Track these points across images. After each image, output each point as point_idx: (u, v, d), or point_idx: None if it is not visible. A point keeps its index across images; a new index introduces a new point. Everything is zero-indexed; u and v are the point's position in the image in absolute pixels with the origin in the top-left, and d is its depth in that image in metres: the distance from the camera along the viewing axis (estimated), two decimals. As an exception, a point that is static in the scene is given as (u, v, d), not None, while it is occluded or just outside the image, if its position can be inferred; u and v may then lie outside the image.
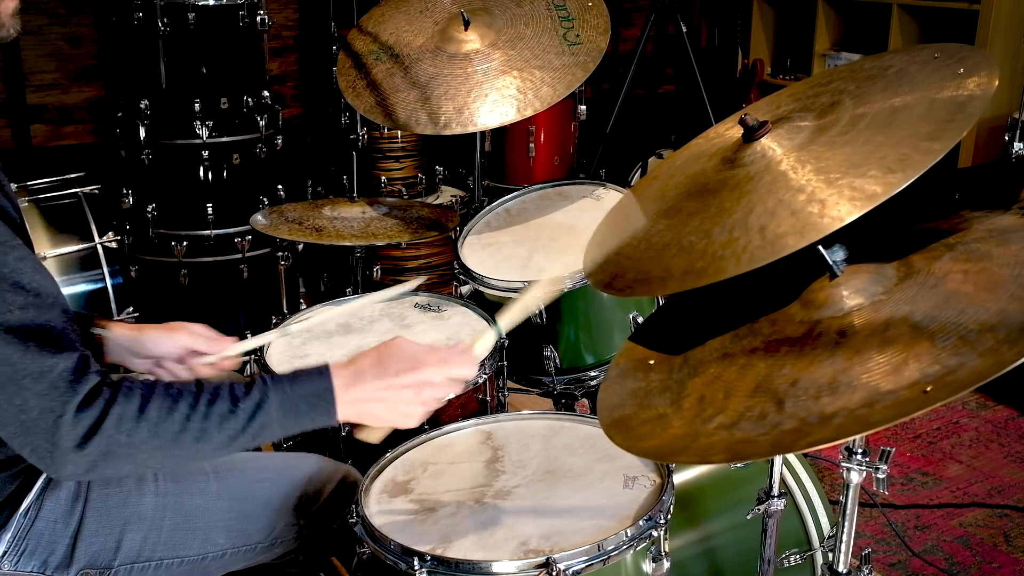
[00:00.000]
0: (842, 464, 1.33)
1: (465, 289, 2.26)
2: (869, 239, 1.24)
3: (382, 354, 1.36)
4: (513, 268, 2.22)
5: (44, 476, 1.42)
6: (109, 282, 2.86)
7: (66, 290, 2.70)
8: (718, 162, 1.35)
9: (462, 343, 1.43)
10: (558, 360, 2.18)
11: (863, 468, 1.32)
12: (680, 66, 4.97)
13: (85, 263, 2.85)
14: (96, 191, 2.97)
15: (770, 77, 4.86)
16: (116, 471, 1.27)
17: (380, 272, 3.47)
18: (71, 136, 3.84)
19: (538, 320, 2.13)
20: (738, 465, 1.72)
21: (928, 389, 0.98)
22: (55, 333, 1.24)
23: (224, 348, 1.62)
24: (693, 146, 1.52)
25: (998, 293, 1.06)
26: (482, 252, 2.30)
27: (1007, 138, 3.28)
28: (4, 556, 1.40)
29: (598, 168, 4.38)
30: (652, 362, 1.34)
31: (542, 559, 1.29)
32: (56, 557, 1.43)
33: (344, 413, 1.33)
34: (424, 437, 1.66)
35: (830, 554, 1.42)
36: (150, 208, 3.26)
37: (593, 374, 2.23)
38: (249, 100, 3.32)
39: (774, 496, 1.42)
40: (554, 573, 1.27)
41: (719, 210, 1.26)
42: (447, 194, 3.83)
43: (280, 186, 3.47)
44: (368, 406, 1.35)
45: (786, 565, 1.54)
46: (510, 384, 2.23)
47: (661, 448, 1.16)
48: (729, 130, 1.46)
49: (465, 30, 2.31)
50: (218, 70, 3.27)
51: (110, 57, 3.75)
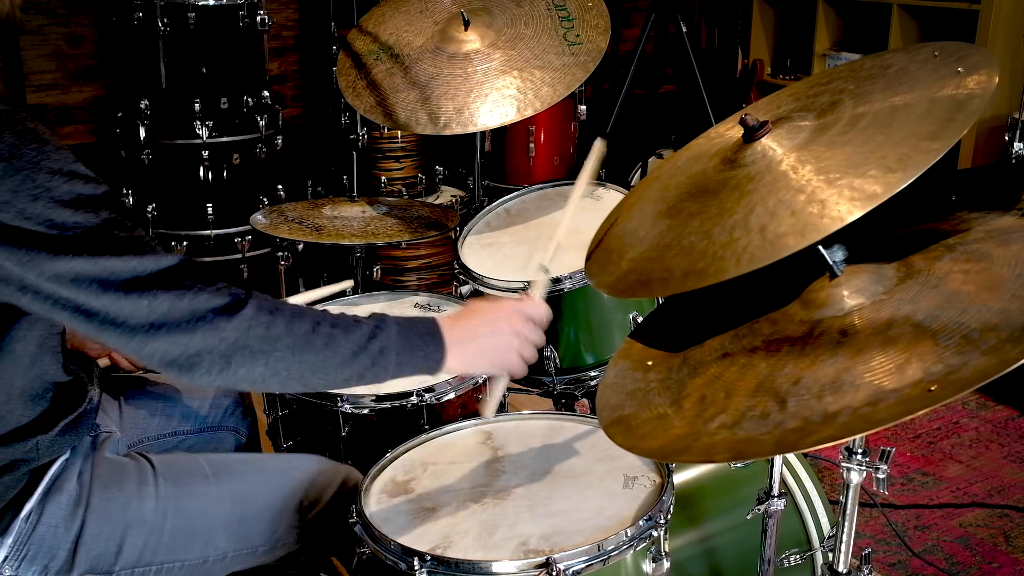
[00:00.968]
0: (842, 464, 1.33)
1: (465, 289, 2.26)
2: (869, 239, 1.24)
3: (467, 309, 1.44)
4: (513, 268, 2.21)
5: (46, 480, 1.42)
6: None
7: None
8: (718, 162, 1.35)
9: (524, 294, 1.48)
10: (558, 360, 2.18)
11: (863, 468, 1.32)
12: (680, 66, 4.98)
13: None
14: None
15: (770, 77, 4.86)
16: (249, 371, 1.25)
17: (380, 272, 3.48)
18: (71, 136, 3.84)
19: (538, 320, 2.12)
20: (738, 465, 1.72)
21: (933, 388, 0.98)
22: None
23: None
24: (694, 146, 1.52)
25: (1000, 293, 1.06)
26: (482, 252, 2.30)
27: (1007, 138, 3.28)
28: (5, 561, 1.40)
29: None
30: (650, 362, 1.34)
31: (542, 559, 1.29)
32: (57, 562, 1.43)
33: (452, 351, 1.36)
34: (424, 437, 1.66)
35: (830, 554, 1.42)
36: (150, 208, 3.27)
37: (593, 374, 2.23)
38: (249, 100, 3.32)
39: (774, 496, 1.42)
40: (554, 573, 1.27)
41: (719, 210, 1.26)
42: (447, 194, 3.83)
43: (280, 186, 3.47)
44: (473, 341, 1.39)
45: (786, 565, 1.54)
46: (510, 384, 2.22)
47: (663, 448, 1.16)
48: (729, 130, 1.45)
49: (465, 30, 2.31)
50: (218, 70, 3.27)
51: (110, 57, 3.75)
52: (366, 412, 1.81)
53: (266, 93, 3.38)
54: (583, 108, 3.37)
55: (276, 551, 1.60)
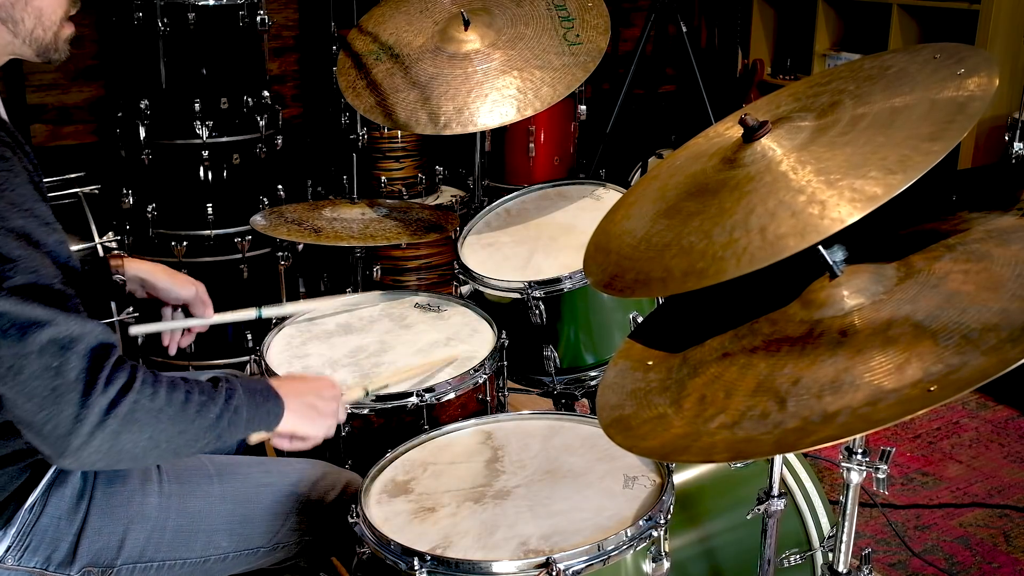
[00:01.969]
0: (842, 464, 1.33)
1: (465, 289, 2.26)
2: (868, 239, 1.24)
3: (285, 378, 1.58)
4: (513, 268, 2.22)
5: (50, 472, 1.42)
6: (109, 282, 2.85)
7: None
8: (718, 162, 1.35)
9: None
10: (558, 360, 2.18)
11: (863, 468, 1.32)
12: (680, 66, 4.98)
13: (85, 263, 2.84)
14: (96, 191, 2.97)
15: (770, 77, 4.86)
16: (134, 442, 1.27)
17: (380, 272, 3.48)
18: (71, 136, 3.84)
19: (538, 320, 2.13)
20: (738, 465, 1.72)
21: (932, 388, 0.98)
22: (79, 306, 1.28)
23: (207, 315, 1.79)
24: (693, 145, 1.52)
25: (999, 293, 1.06)
26: (482, 252, 2.30)
27: (1007, 138, 3.28)
28: (8, 551, 1.41)
29: (598, 168, 4.39)
30: (650, 363, 1.34)
31: (542, 559, 1.29)
32: (59, 554, 1.44)
33: (288, 405, 1.46)
34: (424, 437, 1.67)
35: (830, 554, 1.42)
36: (150, 208, 3.26)
37: (593, 374, 2.23)
38: (249, 100, 3.32)
39: (774, 496, 1.42)
40: (554, 573, 1.27)
41: (719, 211, 1.26)
42: (447, 194, 3.83)
43: (280, 186, 3.47)
44: (301, 399, 1.49)
45: (786, 565, 1.54)
46: (510, 384, 2.23)
47: (663, 448, 1.16)
48: (729, 130, 1.45)
49: (465, 30, 2.31)
50: (218, 70, 3.26)
51: (110, 57, 3.74)
52: (366, 412, 1.81)
53: (266, 93, 3.38)
54: (583, 108, 3.36)
55: (277, 553, 1.60)
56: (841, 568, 1.40)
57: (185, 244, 3.27)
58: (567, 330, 2.19)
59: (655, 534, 1.36)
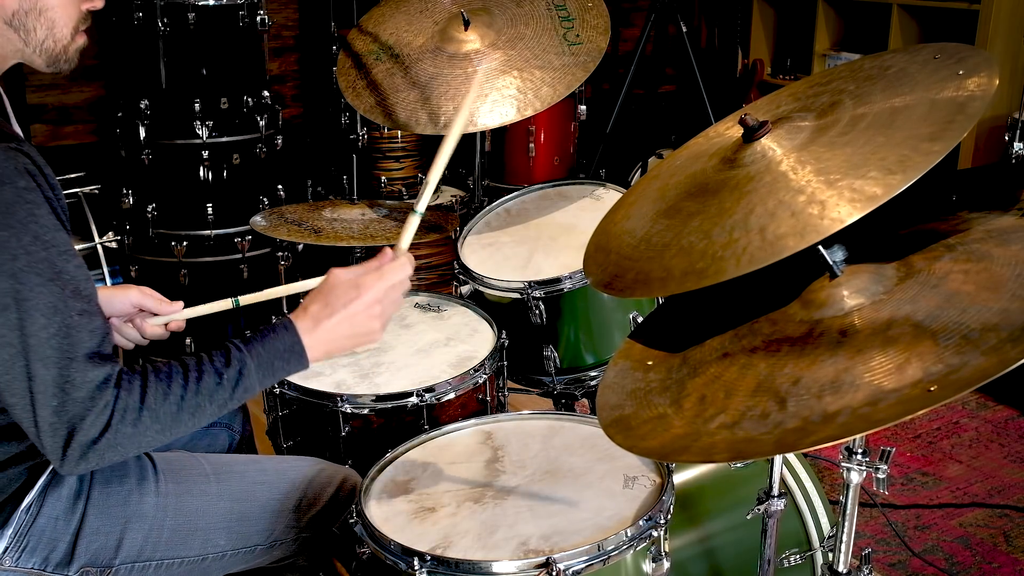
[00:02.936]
0: (842, 464, 1.33)
1: (465, 289, 2.26)
2: (868, 239, 1.24)
3: (326, 293, 1.46)
4: (513, 268, 2.22)
5: (47, 473, 1.43)
6: (109, 282, 2.86)
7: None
8: (718, 162, 1.35)
9: (386, 251, 1.51)
10: (558, 360, 2.18)
11: (863, 468, 1.32)
12: (680, 66, 4.98)
13: (85, 263, 2.84)
14: (96, 191, 2.97)
15: (770, 77, 4.86)
16: (123, 457, 1.34)
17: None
18: (71, 136, 3.84)
19: (538, 320, 2.13)
20: (738, 465, 1.72)
21: (932, 388, 0.98)
22: (99, 339, 1.32)
23: (172, 311, 1.69)
24: (693, 145, 1.52)
25: (999, 293, 1.06)
26: (482, 252, 2.30)
27: (1007, 138, 3.28)
28: (5, 552, 1.41)
29: (598, 168, 4.39)
30: (650, 363, 1.34)
31: (542, 559, 1.29)
32: (57, 554, 1.44)
33: (314, 356, 1.44)
34: (424, 437, 1.67)
35: (830, 554, 1.42)
36: (150, 208, 3.26)
37: (593, 374, 2.23)
38: (249, 100, 3.32)
39: (774, 496, 1.42)
40: (554, 573, 1.27)
41: (719, 211, 1.26)
42: (447, 194, 3.83)
43: (280, 186, 3.47)
44: (333, 342, 1.45)
45: (786, 565, 1.54)
46: (510, 384, 2.23)
47: (663, 448, 1.16)
48: (729, 130, 1.45)
49: (465, 30, 2.31)
50: (218, 70, 3.26)
51: (110, 57, 3.74)
52: (366, 412, 1.81)
53: (266, 93, 3.38)
54: (583, 108, 3.37)
55: (274, 551, 1.60)
56: (841, 568, 1.40)
57: (185, 244, 3.27)
58: (567, 330, 2.19)
59: (655, 534, 1.36)
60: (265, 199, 3.39)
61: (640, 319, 1.50)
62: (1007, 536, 2.53)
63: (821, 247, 1.19)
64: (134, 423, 1.31)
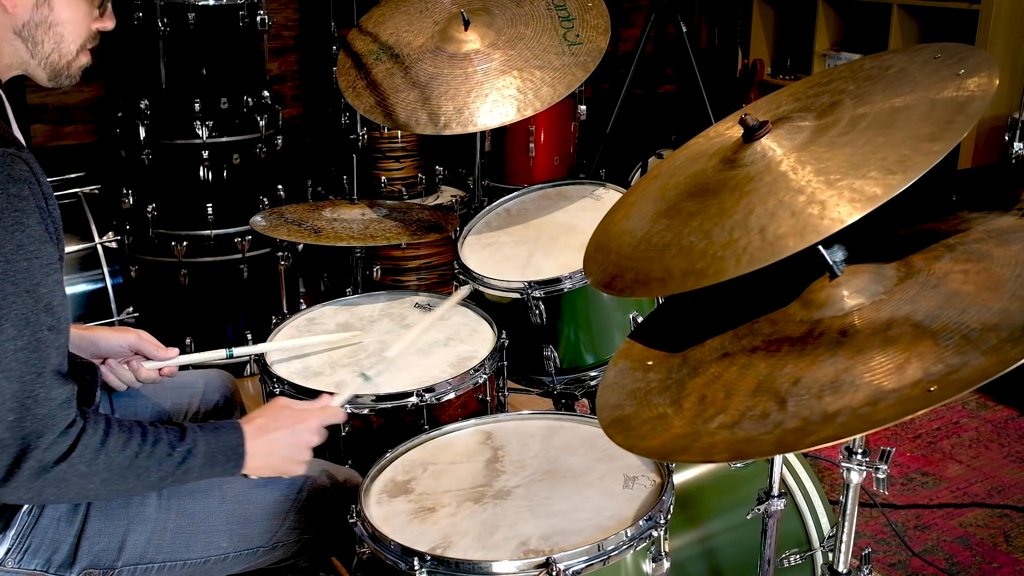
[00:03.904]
0: (842, 464, 1.33)
1: (465, 289, 2.26)
2: (868, 239, 1.24)
3: (273, 411, 1.54)
4: (513, 268, 2.22)
5: None
6: (109, 282, 2.86)
7: (67, 290, 2.70)
8: (718, 162, 1.35)
9: (325, 396, 1.67)
10: (558, 360, 2.18)
11: (863, 468, 1.32)
12: (680, 66, 4.98)
13: (85, 263, 2.85)
14: (96, 191, 2.97)
15: (770, 77, 4.86)
16: (58, 498, 1.36)
17: (380, 272, 3.48)
18: (71, 136, 3.84)
19: (538, 320, 2.13)
20: (738, 465, 1.72)
21: (932, 388, 0.98)
22: (63, 358, 1.32)
23: (166, 357, 1.74)
24: (693, 145, 1.52)
25: (1000, 293, 1.06)
26: (482, 252, 2.30)
27: (1007, 138, 3.28)
28: (8, 554, 1.41)
29: (598, 168, 4.39)
30: (650, 363, 1.34)
31: (542, 559, 1.29)
32: (59, 556, 1.44)
33: (251, 465, 1.49)
34: (424, 437, 1.67)
35: (830, 554, 1.42)
36: (150, 208, 3.26)
37: (593, 374, 2.23)
38: (249, 100, 3.32)
39: (774, 496, 1.42)
40: (554, 573, 1.27)
41: (719, 211, 1.26)
42: (447, 194, 3.83)
43: (280, 186, 3.47)
44: (270, 456, 1.51)
45: (786, 565, 1.54)
46: (510, 384, 2.23)
47: (663, 448, 1.16)
48: (729, 130, 1.45)
49: (465, 30, 2.31)
50: (218, 70, 3.26)
51: (110, 57, 3.74)
52: (366, 412, 1.81)
53: (266, 93, 3.38)
54: (583, 108, 3.36)
55: (276, 552, 1.60)
56: (841, 568, 1.40)
57: (185, 244, 3.27)
58: (567, 330, 2.19)
59: (655, 534, 1.36)
60: (265, 199, 3.39)
61: (640, 319, 1.50)
62: (1007, 536, 2.53)
63: (821, 247, 1.19)
64: (89, 463, 1.31)
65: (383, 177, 3.70)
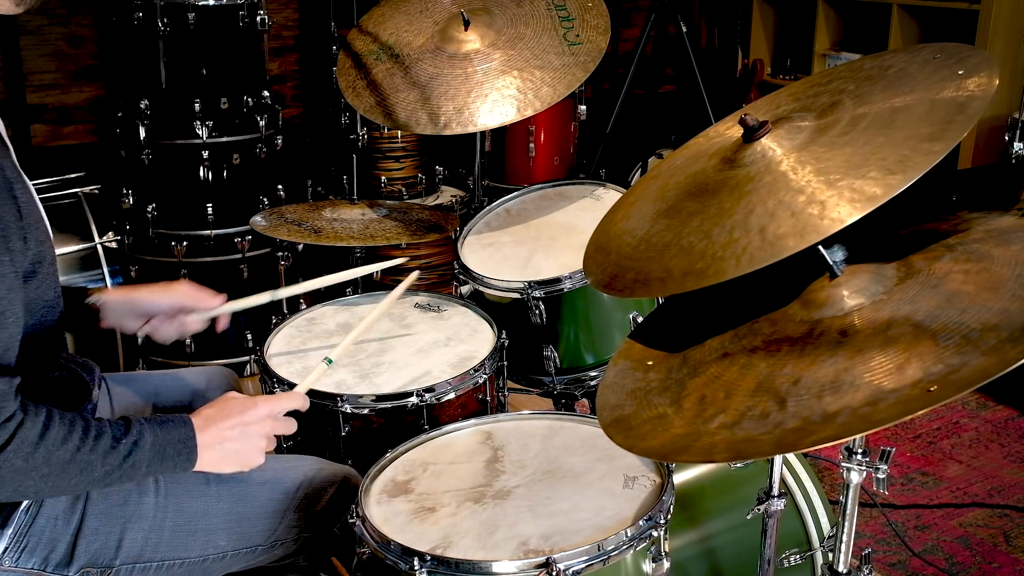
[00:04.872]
0: (842, 464, 1.34)
1: (465, 289, 2.27)
2: (868, 239, 1.24)
3: (222, 403, 1.48)
4: (513, 268, 2.22)
5: None
6: (109, 282, 2.86)
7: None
8: (718, 162, 1.35)
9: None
10: (558, 360, 2.18)
11: (863, 468, 1.32)
12: (680, 66, 4.98)
13: (85, 263, 2.85)
14: (96, 191, 2.97)
15: (770, 77, 4.86)
16: None
17: (380, 272, 3.47)
18: (71, 136, 3.84)
19: (538, 320, 2.13)
20: (738, 465, 1.72)
21: (932, 388, 0.98)
22: (2, 351, 1.28)
23: (213, 305, 1.74)
24: (693, 145, 1.52)
25: (999, 293, 1.06)
26: (482, 252, 2.30)
27: (1007, 138, 3.28)
28: (5, 553, 1.41)
29: (598, 168, 4.39)
30: (650, 363, 1.34)
31: (542, 559, 1.29)
32: (57, 555, 1.44)
33: (203, 458, 1.43)
34: (424, 437, 1.67)
35: (830, 554, 1.42)
36: (150, 208, 3.26)
37: (593, 374, 2.23)
38: (249, 100, 3.32)
39: (774, 496, 1.42)
40: (554, 573, 1.27)
41: (719, 211, 1.26)
42: (447, 194, 3.83)
43: (280, 186, 3.47)
44: (222, 447, 1.45)
45: (786, 565, 1.54)
46: (510, 384, 2.23)
47: (663, 448, 1.16)
48: (729, 130, 1.45)
49: (465, 30, 2.31)
50: (218, 70, 3.26)
51: (110, 57, 3.75)
52: (366, 412, 1.81)
53: (266, 93, 3.38)
54: (583, 108, 3.37)
55: (275, 551, 1.60)
56: (841, 568, 1.40)
57: (185, 244, 3.27)
58: (567, 330, 2.19)
59: (655, 534, 1.36)
60: (265, 199, 3.39)
61: (640, 319, 1.50)
62: (1007, 536, 2.53)
63: (821, 247, 1.19)
64: (27, 457, 1.27)
65: (383, 177, 3.70)
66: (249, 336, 3.35)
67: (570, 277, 2.10)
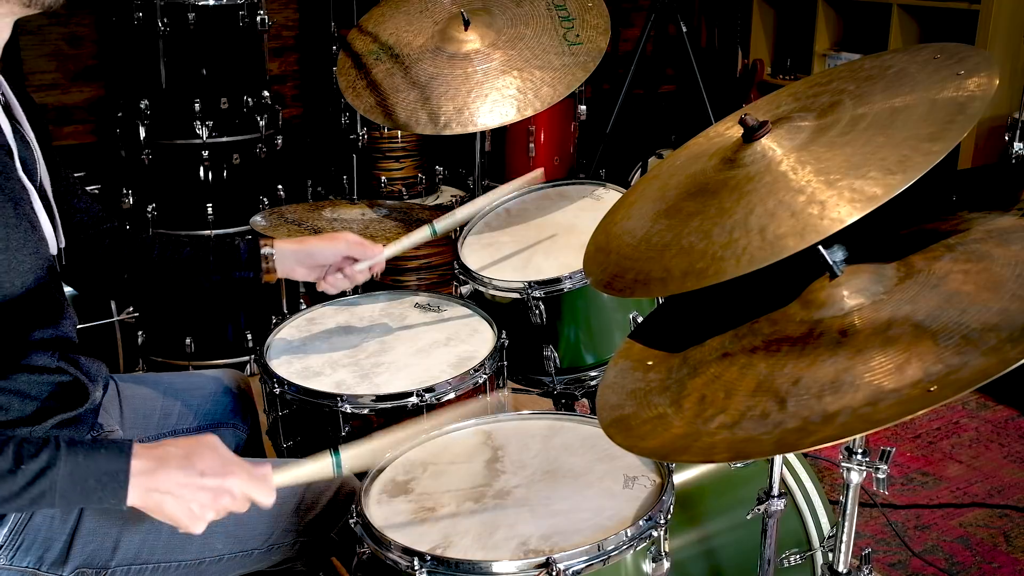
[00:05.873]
0: (842, 464, 1.33)
1: (465, 289, 2.26)
2: (868, 239, 1.24)
3: (193, 449, 1.33)
4: (513, 268, 2.21)
5: None
6: (109, 282, 2.85)
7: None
8: (718, 162, 1.35)
9: (267, 468, 1.40)
10: (558, 360, 2.18)
11: (863, 468, 1.32)
12: (680, 66, 4.98)
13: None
14: (96, 191, 2.97)
15: (770, 77, 4.87)
16: None
17: (379, 273, 3.47)
18: (71, 136, 3.84)
19: (538, 320, 2.13)
20: (738, 465, 1.72)
21: (932, 388, 0.98)
22: None
23: (374, 253, 1.78)
24: (693, 145, 1.52)
25: (1000, 293, 1.06)
26: (482, 252, 2.30)
27: (1007, 138, 3.28)
28: (0, 550, 1.40)
29: (598, 168, 4.39)
30: (650, 363, 1.34)
31: (542, 559, 1.29)
32: (52, 554, 1.43)
33: (134, 499, 1.28)
34: (424, 437, 1.66)
35: (830, 554, 1.42)
36: (150, 208, 3.27)
37: (593, 374, 2.23)
38: (249, 100, 3.32)
39: (774, 496, 1.42)
40: (554, 573, 1.27)
41: (719, 211, 1.26)
42: (447, 194, 3.84)
43: (280, 186, 3.47)
44: (160, 497, 1.29)
45: (786, 565, 1.54)
46: (510, 384, 2.22)
47: (663, 448, 1.16)
48: (729, 130, 1.45)
49: (465, 30, 2.31)
50: (218, 70, 3.27)
51: (110, 57, 3.75)
52: (366, 412, 1.81)
53: (266, 93, 3.38)
54: (583, 108, 3.37)
55: (272, 555, 1.60)
56: (841, 568, 1.40)
57: (185, 244, 3.27)
58: (567, 330, 2.19)
59: (655, 534, 1.36)
60: (265, 199, 3.39)
61: (640, 319, 1.50)
62: (1007, 536, 2.53)
63: (821, 247, 1.19)
64: None
65: (383, 177, 3.71)
66: (249, 336, 3.36)
67: (570, 277, 2.10)
